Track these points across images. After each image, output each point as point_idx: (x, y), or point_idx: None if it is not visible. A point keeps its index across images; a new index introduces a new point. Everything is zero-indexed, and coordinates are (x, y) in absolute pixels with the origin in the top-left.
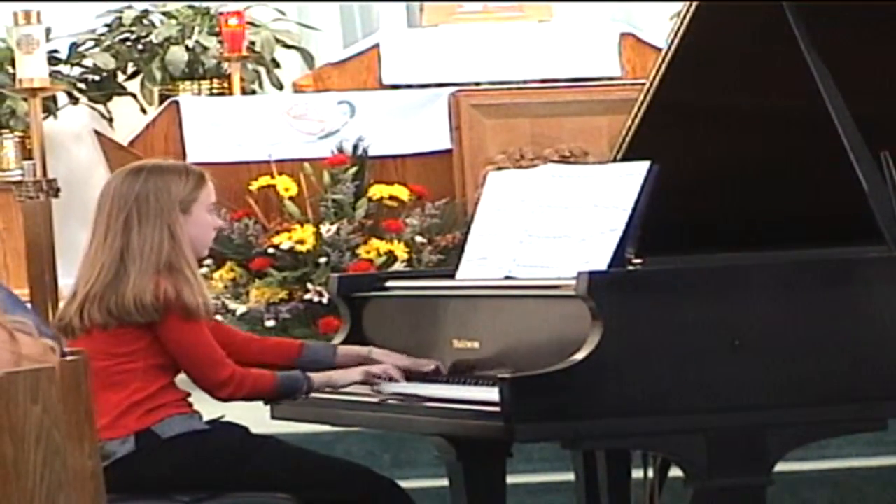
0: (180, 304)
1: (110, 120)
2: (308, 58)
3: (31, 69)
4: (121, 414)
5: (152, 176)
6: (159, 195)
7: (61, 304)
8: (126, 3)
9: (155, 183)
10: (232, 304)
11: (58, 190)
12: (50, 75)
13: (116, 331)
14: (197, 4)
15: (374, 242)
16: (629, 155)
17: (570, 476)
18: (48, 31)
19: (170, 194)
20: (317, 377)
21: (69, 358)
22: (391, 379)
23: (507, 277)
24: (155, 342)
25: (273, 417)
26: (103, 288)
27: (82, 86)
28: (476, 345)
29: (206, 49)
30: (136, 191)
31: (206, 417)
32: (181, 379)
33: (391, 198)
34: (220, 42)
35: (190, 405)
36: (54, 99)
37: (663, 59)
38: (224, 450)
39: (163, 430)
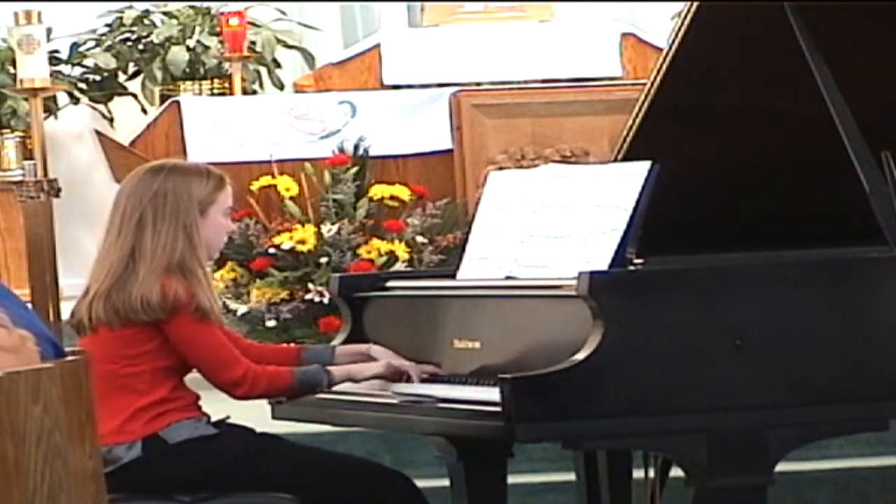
0: (195, 305)
1: (111, 120)
2: (309, 58)
3: (32, 69)
4: (128, 419)
5: (172, 175)
6: (178, 195)
7: (62, 304)
8: (127, 3)
9: (174, 182)
10: (233, 304)
11: (59, 190)
12: (51, 75)
13: (122, 332)
14: (198, 4)
15: (375, 242)
16: (630, 155)
17: (571, 476)
18: (49, 31)
19: (190, 195)
20: (337, 371)
21: (70, 358)
22: (409, 378)
23: (508, 277)
24: (163, 345)
25: (274, 418)
26: (111, 286)
27: (83, 86)
28: (477, 345)
29: (206, 49)
30: (154, 189)
31: (212, 418)
32: (191, 378)
33: (392, 198)
34: (221, 42)
35: (199, 408)
36: (55, 99)
37: (664, 60)
38: (231, 453)
39: (170, 436)
